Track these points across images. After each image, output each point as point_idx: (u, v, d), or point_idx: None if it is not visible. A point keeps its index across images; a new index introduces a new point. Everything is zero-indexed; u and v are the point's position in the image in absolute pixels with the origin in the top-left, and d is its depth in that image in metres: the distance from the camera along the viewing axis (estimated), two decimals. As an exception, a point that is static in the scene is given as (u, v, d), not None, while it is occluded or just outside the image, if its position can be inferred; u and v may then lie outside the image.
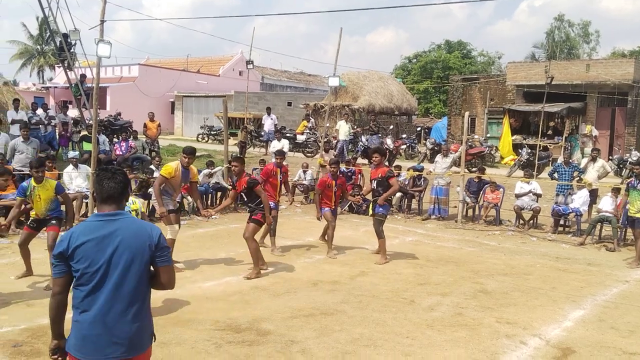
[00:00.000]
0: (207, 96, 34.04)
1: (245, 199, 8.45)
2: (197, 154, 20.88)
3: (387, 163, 15.03)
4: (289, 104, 33.81)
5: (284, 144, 16.24)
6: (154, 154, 16.71)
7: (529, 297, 7.34)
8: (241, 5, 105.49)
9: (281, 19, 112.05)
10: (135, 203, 10.93)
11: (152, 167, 13.52)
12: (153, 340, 3.13)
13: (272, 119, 22.15)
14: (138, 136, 17.04)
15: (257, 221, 8.16)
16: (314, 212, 12.65)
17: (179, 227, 8.39)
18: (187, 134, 33.75)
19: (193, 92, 35.46)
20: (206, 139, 28.24)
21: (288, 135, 21.86)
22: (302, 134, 23.39)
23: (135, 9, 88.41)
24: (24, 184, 7.36)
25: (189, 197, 12.25)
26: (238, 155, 13.47)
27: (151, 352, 3.12)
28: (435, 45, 53.83)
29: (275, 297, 7.02)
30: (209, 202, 13.59)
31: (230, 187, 10.50)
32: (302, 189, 15.38)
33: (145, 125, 18.83)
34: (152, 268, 3.07)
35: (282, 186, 10.03)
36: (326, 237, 9.73)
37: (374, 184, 9.23)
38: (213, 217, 10.48)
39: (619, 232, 11.08)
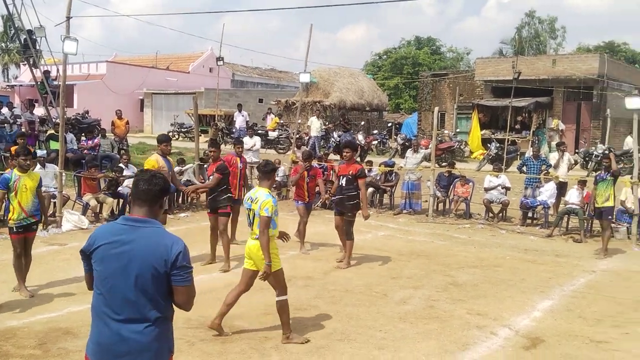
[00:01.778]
0: (177, 93, 33.66)
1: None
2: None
3: (358, 159, 15.12)
4: (260, 100, 33.68)
5: (256, 141, 16.16)
6: (122, 152, 16.47)
7: (498, 289, 7.48)
8: (211, 2, 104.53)
9: (252, 15, 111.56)
10: None
11: (121, 165, 13.32)
12: (170, 357, 3.01)
13: (243, 115, 22.05)
14: (106, 134, 16.77)
15: (227, 214, 8.37)
16: (287, 208, 12.69)
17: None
18: (157, 131, 33.13)
19: (162, 89, 35.02)
20: (176, 136, 27.93)
21: (260, 132, 21.78)
22: (274, 130, 23.34)
23: (103, 5, 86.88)
24: (6, 175, 6.79)
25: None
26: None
27: None
28: (405, 41, 54.24)
29: (248, 294, 6.98)
30: (180, 200, 13.45)
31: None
32: (274, 186, 15.34)
33: (113, 123, 18.55)
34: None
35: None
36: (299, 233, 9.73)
37: (342, 181, 8.58)
38: (184, 214, 10.42)
39: (586, 224, 11.34)
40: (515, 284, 7.76)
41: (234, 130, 22.51)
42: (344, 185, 8.54)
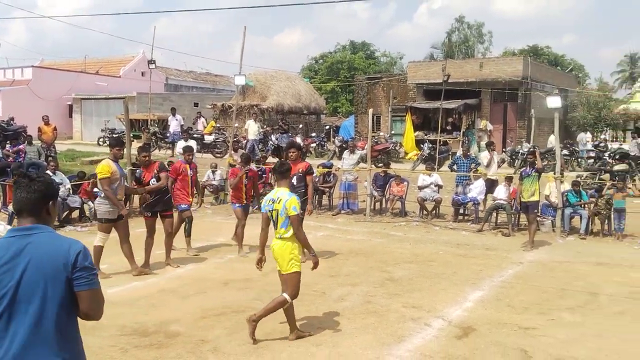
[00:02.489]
0: (108, 98, 32.62)
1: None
2: (98, 158, 20.04)
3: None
4: (196, 104, 33.16)
5: (192, 145, 15.92)
6: (50, 159, 15.83)
7: (432, 282, 7.70)
8: (143, 5, 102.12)
9: (186, 18, 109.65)
10: None
11: (48, 172, 12.79)
12: None
13: (177, 119, 21.68)
14: (33, 141, 16.08)
15: (171, 216, 8.60)
16: (224, 212, 12.57)
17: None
18: (87, 138, 32.19)
19: (92, 94, 33.88)
20: (108, 142, 27.11)
21: (195, 135, 21.47)
22: (211, 134, 23.07)
23: (29, 8, 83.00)
24: None
25: (90, 203, 11.77)
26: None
27: None
28: (340, 46, 54.93)
29: (184, 298, 6.90)
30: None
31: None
32: (211, 190, 15.16)
33: (39, 130, 17.81)
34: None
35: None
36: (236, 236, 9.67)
37: (293, 180, 8.80)
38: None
39: (513, 218, 11.85)
40: (448, 277, 8.02)
41: (167, 134, 22.08)
42: (295, 183, 8.70)
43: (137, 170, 8.59)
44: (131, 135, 15.92)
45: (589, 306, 6.79)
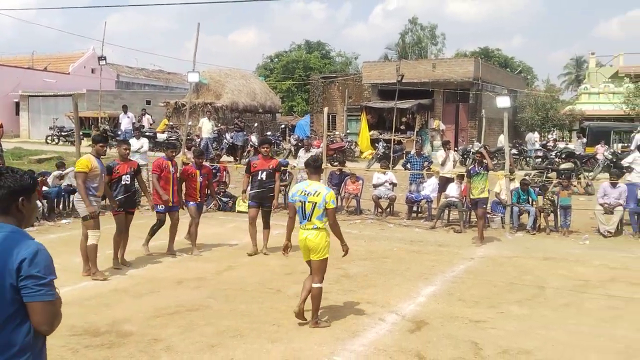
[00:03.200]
0: (57, 95, 31.68)
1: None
2: (47, 156, 19.41)
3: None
4: (148, 102, 32.54)
5: (143, 143, 15.59)
6: (-5, 157, 15.25)
7: (386, 278, 7.81)
8: (93, 0, 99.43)
9: (138, 15, 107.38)
10: None
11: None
12: None
13: (129, 117, 21.21)
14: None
15: (133, 213, 8.63)
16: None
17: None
18: (34, 136, 31.14)
19: (40, 91, 32.80)
20: (56, 140, 26.32)
21: (148, 134, 21.04)
22: (163, 132, 22.68)
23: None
24: None
25: (44, 202, 11.46)
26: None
27: None
28: (295, 45, 54.93)
29: (137, 297, 6.78)
30: (61, 206, 12.69)
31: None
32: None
33: (-16, 127, 17.10)
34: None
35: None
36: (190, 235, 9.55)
37: (262, 175, 9.15)
38: (65, 221, 9.88)
39: (464, 215, 12.13)
40: (402, 272, 8.15)
41: (119, 132, 21.57)
42: (264, 178, 9.20)
43: (113, 162, 8.41)
44: (81, 133, 15.48)
45: (536, 299, 7.02)
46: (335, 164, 17.85)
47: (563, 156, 18.07)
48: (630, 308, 6.68)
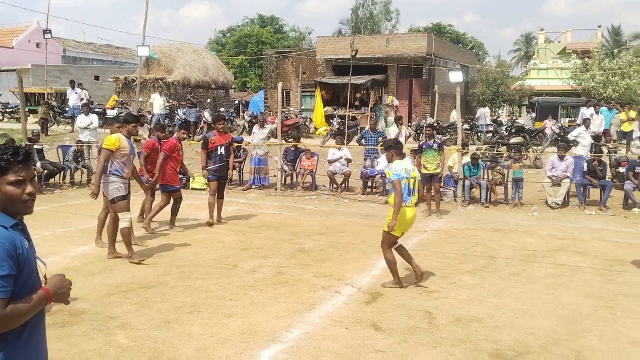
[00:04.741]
0: (0, 70, 30.31)
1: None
2: (-10, 133, 18.55)
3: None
4: (97, 78, 31.54)
5: (93, 119, 15.14)
6: None
7: (342, 252, 7.89)
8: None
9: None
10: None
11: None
12: None
13: (77, 93, 20.49)
14: None
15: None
16: (132, 188, 12.09)
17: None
18: (-25, 113, 29.75)
19: (-20, 66, 31.31)
20: (1, 117, 25.27)
21: (97, 110, 20.41)
22: (113, 109, 22.04)
23: None
24: None
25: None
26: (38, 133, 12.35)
27: None
28: (248, 20, 54.04)
29: (90, 276, 6.64)
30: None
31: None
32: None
33: None
34: None
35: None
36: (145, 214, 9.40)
37: (222, 150, 9.52)
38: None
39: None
40: (358, 246, 8.25)
41: (67, 109, 20.85)
42: (223, 153, 9.58)
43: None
44: (27, 110, 14.89)
45: (487, 269, 7.24)
46: (290, 140, 17.83)
47: (513, 131, 18.52)
48: (576, 276, 6.97)
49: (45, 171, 12.90)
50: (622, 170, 12.56)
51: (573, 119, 21.56)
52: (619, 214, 11.20)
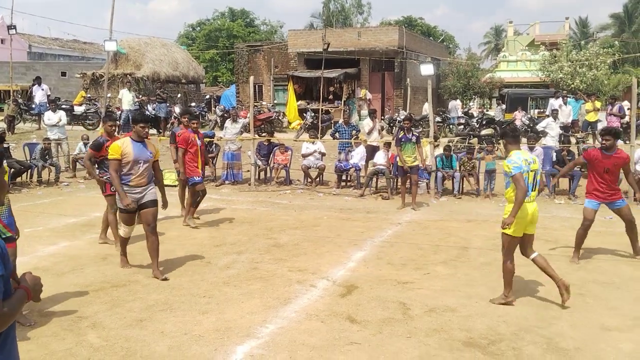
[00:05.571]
0: (-39, 67, 29.48)
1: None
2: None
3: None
4: (63, 74, 30.89)
5: (60, 116, 14.82)
6: None
7: (317, 246, 7.88)
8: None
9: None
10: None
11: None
12: None
13: (43, 89, 20.02)
14: None
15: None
16: (98, 187, 11.86)
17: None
18: (-63, 111, 28.89)
19: (-58, 62, 30.36)
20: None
21: (64, 106, 19.97)
22: (81, 105, 21.62)
23: None
24: None
25: None
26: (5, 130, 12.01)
27: None
28: (219, 13, 53.50)
29: (59, 276, 6.49)
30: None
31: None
32: (83, 163, 14.27)
33: None
34: None
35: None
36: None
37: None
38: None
39: (392, 182, 12.38)
40: (332, 239, 8.25)
41: (33, 106, 20.36)
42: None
43: (102, 138, 7.69)
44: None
45: (460, 259, 7.31)
46: (264, 134, 17.75)
47: (484, 123, 18.73)
48: (546, 264, 7.07)
49: (12, 170, 12.58)
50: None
51: (542, 110, 21.86)
52: (587, 203, 11.39)
